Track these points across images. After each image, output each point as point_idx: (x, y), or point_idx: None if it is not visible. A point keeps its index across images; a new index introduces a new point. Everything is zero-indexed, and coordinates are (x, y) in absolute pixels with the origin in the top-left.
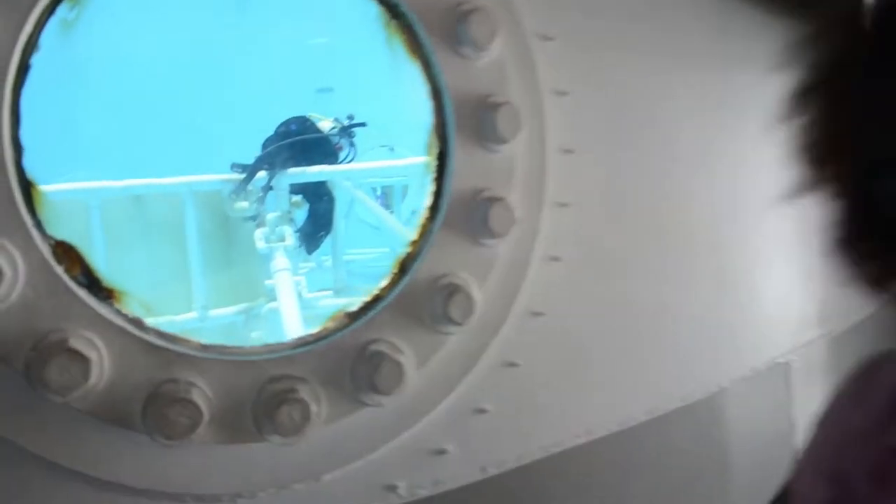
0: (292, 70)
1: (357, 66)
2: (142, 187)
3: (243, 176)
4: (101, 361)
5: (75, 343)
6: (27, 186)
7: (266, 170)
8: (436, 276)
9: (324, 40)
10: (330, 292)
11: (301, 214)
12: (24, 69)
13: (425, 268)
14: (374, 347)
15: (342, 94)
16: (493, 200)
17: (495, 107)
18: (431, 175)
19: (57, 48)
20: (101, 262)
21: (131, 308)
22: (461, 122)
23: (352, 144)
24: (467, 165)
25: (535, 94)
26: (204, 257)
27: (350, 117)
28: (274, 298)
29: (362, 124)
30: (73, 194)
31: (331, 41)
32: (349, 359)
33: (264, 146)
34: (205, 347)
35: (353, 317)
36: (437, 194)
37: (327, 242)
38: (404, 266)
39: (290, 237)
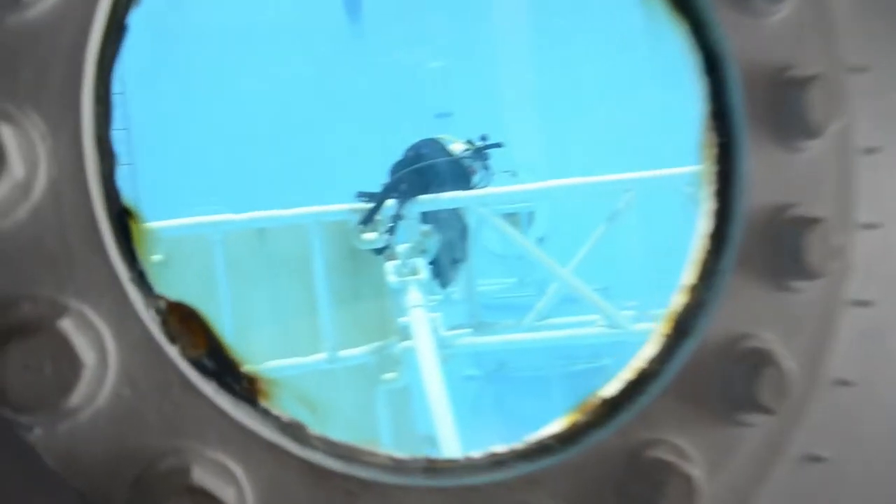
0: (411, 95)
1: (475, 89)
2: (265, 219)
3: (371, 205)
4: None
5: (201, 475)
6: (122, 217)
7: (395, 198)
8: (730, 338)
9: (440, 63)
10: (468, 330)
11: (432, 245)
12: (118, 27)
13: (715, 327)
14: (651, 454)
15: (461, 119)
16: (806, 223)
17: (802, 83)
18: (710, 187)
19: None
20: (225, 301)
21: (286, 406)
22: (752, 107)
23: (486, 167)
24: (764, 171)
25: (835, 68)
26: (331, 293)
27: (483, 138)
28: (408, 337)
29: (498, 145)
30: (191, 229)
31: (448, 64)
32: (615, 473)
33: (392, 172)
34: (398, 465)
35: (614, 405)
36: (723, 215)
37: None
38: (682, 324)
39: (423, 270)
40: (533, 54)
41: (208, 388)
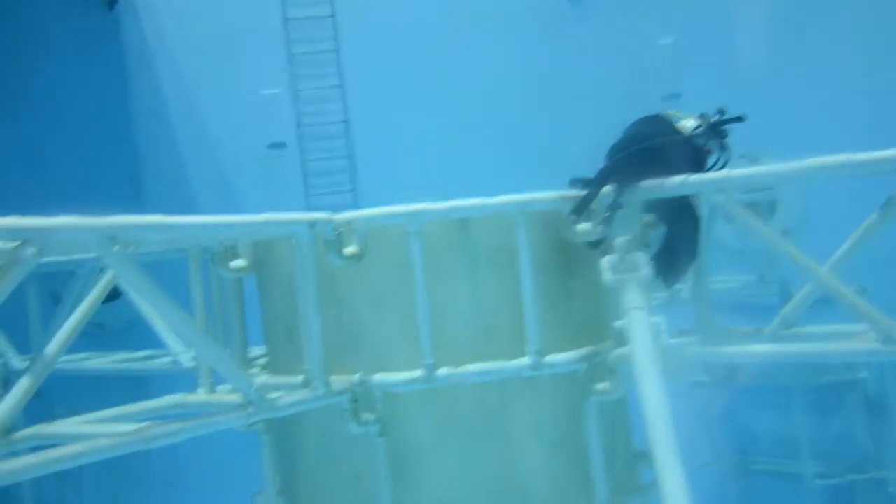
0: (636, 76)
1: (710, 67)
2: (467, 208)
3: (585, 193)
4: None
5: None
6: None
7: (613, 184)
8: None
9: (671, 40)
10: (697, 336)
11: (656, 237)
12: None
13: None
14: None
15: (692, 101)
16: None
17: None
18: None
19: None
20: (421, 296)
21: None
22: None
23: (723, 147)
24: None
25: None
26: (538, 290)
27: (720, 111)
28: (624, 343)
29: (738, 119)
30: (388, 219)
31: (680, 39)
32: None
33: (609, 155)
34: None
35: None
36: None
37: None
38: None
39: (645, 266)
40: (775, 25)
41: None
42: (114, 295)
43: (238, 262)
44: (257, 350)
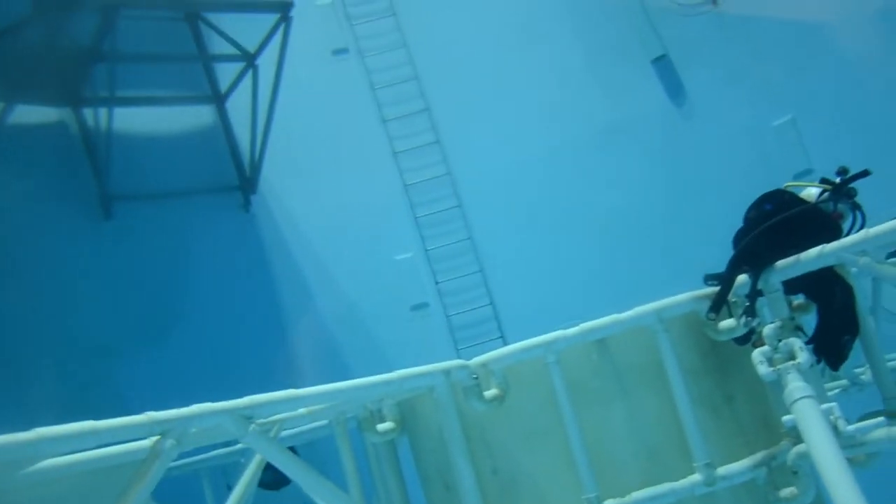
0: (754, 160)
1: (836, 137)
2: (601, 328)
3: (720, 287)
4: None
5: None
6: None
7: (746, 271)
8: None
9: (789, 117)
10: (883, 419)
11: (810, 319)
12: None
13: None
14: None
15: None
16: None
17: None
18: None
19: None
20: (572, 427)
21: None
22: None
23: (854, 207)
24: None
25: None
26: (694, 398)
27: (842, 171)
28: (800, 439)
29: (864, 174)
30: (522, 353)
31: (797, 117)
32: None
33: (736, 241)
34: None
35: None
36: None
37: (856, 350)
38: None
39: (803, 352)
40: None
41: None
42: (283, 481)
43: (386, 425)
44: None
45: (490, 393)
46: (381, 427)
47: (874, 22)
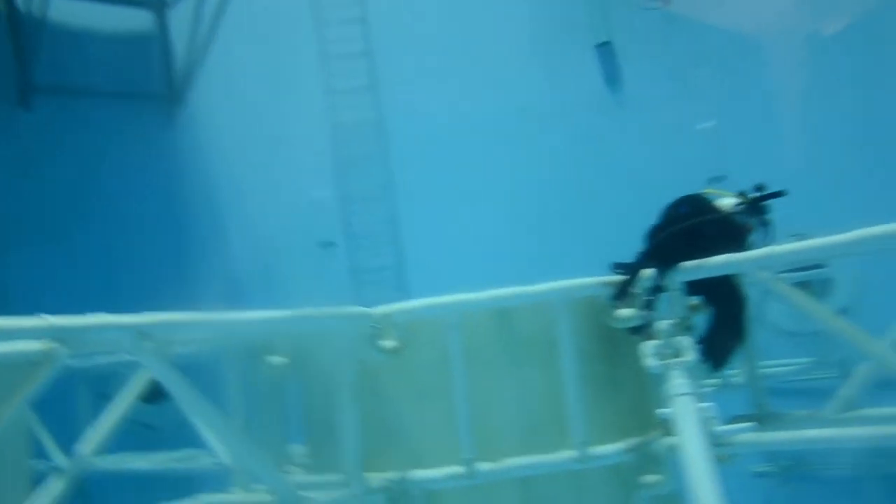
0: (676, 159)
1: (757, 148)
2: (506, 298)
3: (626, 278)
4: None
5: None
6: None
7: (654, 267)
8: None
9: (712, 123)
10: (751, 424)
11: (702, 320)
12: None
13: None
14: None
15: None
16: None
17: None
18: None
19: None
20: (461, 390)
21: None
22: None
23: (765, 223)
24: None
25: None
26: (581, 379)
27: (759, 188)
28: (672, 432)
29: (779, 194)
30: (426, 312)
31: (721, 123)
32: None
33: (649, 237)
34: None
35: None
36: None
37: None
38: None
39: (690, 351)
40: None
41: None
42: (163, 395)
43: (277, 359)
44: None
45: (388, 343)
46: (272, 361)
47: (809, 42)
